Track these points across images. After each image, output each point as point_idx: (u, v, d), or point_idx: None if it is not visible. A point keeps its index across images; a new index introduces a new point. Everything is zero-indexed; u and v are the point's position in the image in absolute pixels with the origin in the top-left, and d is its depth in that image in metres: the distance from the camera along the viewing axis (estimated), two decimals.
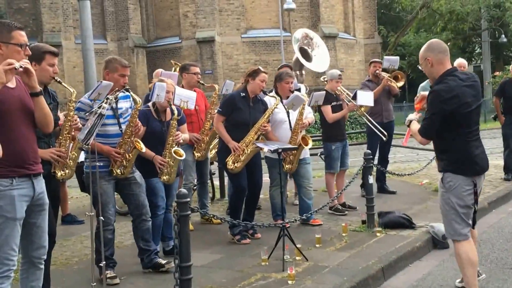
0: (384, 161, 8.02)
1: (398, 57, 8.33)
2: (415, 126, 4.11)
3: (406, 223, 6.06)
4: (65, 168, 4.09)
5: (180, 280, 3.75)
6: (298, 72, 8.69)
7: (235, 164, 5.55)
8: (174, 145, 4.96)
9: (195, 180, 6.60)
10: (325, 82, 7.11)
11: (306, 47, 9.29)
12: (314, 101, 6.40)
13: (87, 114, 3.96)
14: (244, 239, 5.69)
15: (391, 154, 8.44)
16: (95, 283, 4.03)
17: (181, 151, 4.98)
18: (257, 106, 5.72)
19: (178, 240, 3.78)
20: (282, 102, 5.96)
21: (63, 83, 4.17)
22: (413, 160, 12.48)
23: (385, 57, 8.33)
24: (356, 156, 7.63)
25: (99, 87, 4.28)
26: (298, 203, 6.64)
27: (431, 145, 4.25)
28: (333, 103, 6.84)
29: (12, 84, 3.30)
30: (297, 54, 9.11)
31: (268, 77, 5.84)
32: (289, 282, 4.42)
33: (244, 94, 5.68)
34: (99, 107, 3.68)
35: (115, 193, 4.82)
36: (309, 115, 6.36)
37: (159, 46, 25.56)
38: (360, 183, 7.63)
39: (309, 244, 5.46)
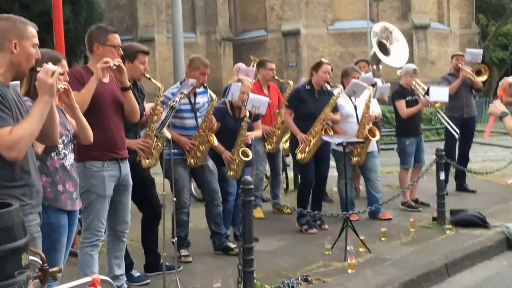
0: (464, 158, 7.86)
1: (481, 50, 8.14)
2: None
3: (479, 222, 5.97)
4: (150, 157, 4.45)
5: (243, 260, 4.07)
6: (375, 67, 8.74)
7: (303, 155, 5.80)
8: (242, 145, 5.28)
9: (266, 171, 6.91)
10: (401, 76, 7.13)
11: (384, 41, 9.29)
12: (379, 93, 6.48)
13: (164, 106, 4.36)
14: (311, 229, 5.93)
15: (481, 153, 8.17)
16: (162, 261, 4.34)
17: (249, 152, 5.28)
18: (323, 98, 5.89)
19: (242, 224, 4.09)
20: (350, 98, 6.12)
21: (152, 80, 4.49)
22: (505, 159, 11.89)
23: (467, 50, 8.14)
24: (432, 154, 7.59)
25: (186, 85, 4.63)
26: (365, 197, 6.77)
27: None
28: (408, 98, 6.88)
29: (106, 79, 3.77)
30: (375, 49, 9.15)
31: None
32: (349, 271, 4.62)
33: (309, 86, 5.91)
34: (173, 101, 4.07)
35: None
36: (376, 109, 6.46)
37: (245, 39, 26.11)
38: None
39: (374, 237, 5.59)
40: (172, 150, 4.68)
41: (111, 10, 23.43)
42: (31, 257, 2.17)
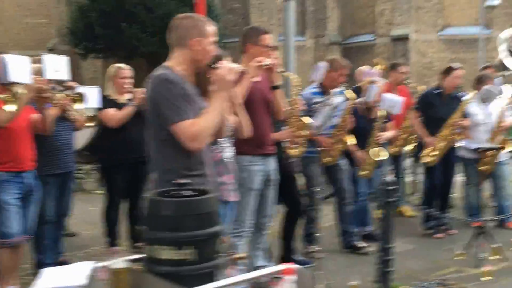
0: None
1: None
2: None
3: None
4: (297, 146, 4.61)
5: (382, 260, 4.13)
6: (501, 73, 8.43)
7: (429, 159, 5.77)
8: (375, 145, 5.34)
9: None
10: None
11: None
12: None
13: (317, 105, 4.51)
14: (437, 234, 5.88)
15: None
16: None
17: (382, 152, 5.33)
18: (452, 103, 5.82)
19: (383, 224, 4.15)
20: (482, 105, 6.00)
21: (285, 73, 4.58)
22: None
23: None
24: None
25: (319, 68, 4.76)
26: (494, 204, 6.59)
27: None
28: None
29: (257, 78, 3.88)
30: (501, 56, 8.83)
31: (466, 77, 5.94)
32: (484, 278, 4.54)
33: (438, 91, 5.86)
34: (330, 100, 4.19)
35: None
36: (510, 118, 6.28)
37: (354, 43, 25.93)
38: None
39: (505, 246, 5.41)
40: (311, 149, 4.87)
41: (225, 13, 24.10)
42: None
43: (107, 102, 5.13)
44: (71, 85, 5.05)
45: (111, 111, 5.08)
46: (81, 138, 5.79)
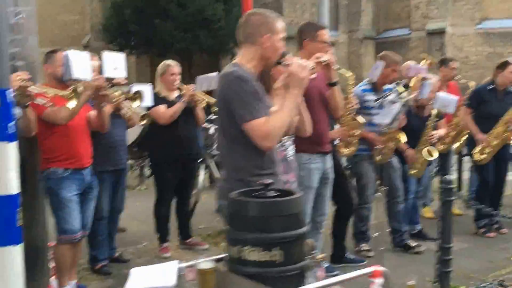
0: None
1: None
2: None
3: None
4: (349, 146, 4.60)
5: (441, 260, 4.06)
6: None
7: (482, 156, 5.65)
8: (427, 144, 5.24)
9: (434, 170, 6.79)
10: None
11: None
12: None
13: (377, 102, 4.43)
14: (489, 233, 5.76)
15: None
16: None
17: (434, 151, 5.23)
18: (507, 99, 5.69)
19: (442, 223, 4.07)
20: None
21: (340, 70, 4.59)
22: None
23: None
24: None
25: (377, 66, 4.70)
26: None
27: None
28: None
29: (313, 75, 3.88)
30: None
31: None
32: None
33: (492, 86, 5.73)
34: (398, 97, 4.11)
35: None
36: None
37: (387, 38, 25.56)
38: None
39: None
40: (362, 146, 4.81)
41: (258, 7, 24.10)
42: None
43: (157, 99, 5.14)
44: (119, 82, 5.09)
45: (162, 108, 5.10)
46: (130, 134, 5.84)
